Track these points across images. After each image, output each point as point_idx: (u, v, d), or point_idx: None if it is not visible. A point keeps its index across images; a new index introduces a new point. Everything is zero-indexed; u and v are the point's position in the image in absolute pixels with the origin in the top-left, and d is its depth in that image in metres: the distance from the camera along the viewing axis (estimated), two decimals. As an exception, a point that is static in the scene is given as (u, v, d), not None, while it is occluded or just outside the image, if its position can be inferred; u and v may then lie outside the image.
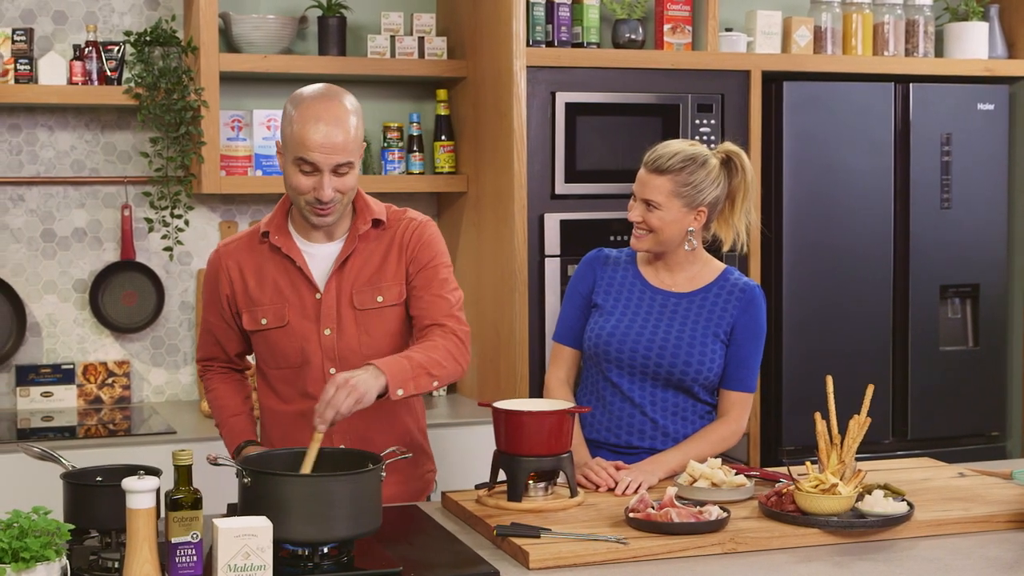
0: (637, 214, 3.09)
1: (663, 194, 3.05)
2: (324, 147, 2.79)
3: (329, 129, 2.79)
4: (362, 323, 2.95)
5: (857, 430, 2.73)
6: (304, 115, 2.81)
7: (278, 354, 2.98)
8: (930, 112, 4.62)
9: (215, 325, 3.08)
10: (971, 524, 2.68)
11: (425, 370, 2.77)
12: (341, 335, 2.94)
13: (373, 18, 4.57)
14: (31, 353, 4.37)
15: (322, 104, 2.83)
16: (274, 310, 2.95)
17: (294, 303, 2.95)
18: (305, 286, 2.95)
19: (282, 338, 2.95)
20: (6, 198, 4.34)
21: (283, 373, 2.99)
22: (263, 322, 2.96)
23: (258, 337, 3.00)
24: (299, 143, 2.80)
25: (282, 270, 2.96)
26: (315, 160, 2.80)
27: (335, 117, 2.81)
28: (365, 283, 2.95)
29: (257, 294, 2.97)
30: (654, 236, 3.09)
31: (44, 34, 4.32)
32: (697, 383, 3.10)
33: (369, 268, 2.96)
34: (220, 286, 3.01)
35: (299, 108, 2.84)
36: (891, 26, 4.69)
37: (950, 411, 4.69)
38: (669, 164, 3.05)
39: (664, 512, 2.57)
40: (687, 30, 4.43)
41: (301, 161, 2.81)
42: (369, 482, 2.40)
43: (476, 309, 4.46)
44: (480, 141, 4.39)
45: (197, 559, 2.18)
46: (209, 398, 3.17)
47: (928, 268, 4.64)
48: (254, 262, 2.98)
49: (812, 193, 4.48)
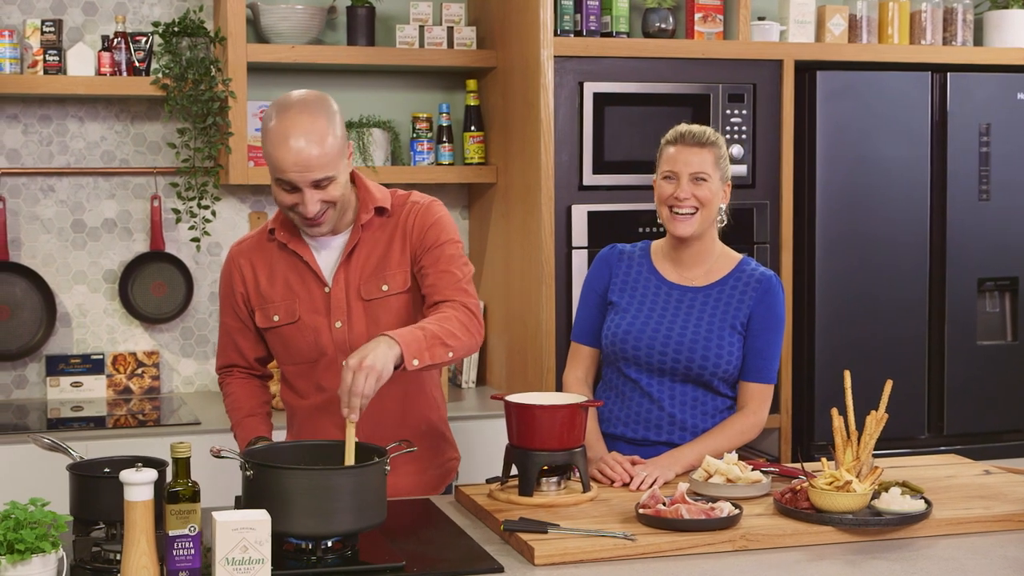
0: (685, 191, 3.02)
1: (709, 165, 3.05)
2: (298, 165, 2.70)
3: (300, 147, 2.68)
4: (371, 313, 2.91)
5: (874, 426, 2.68)
6: (276, 134, 2.71)
7: (292, 350, 2.96)
8: (969, 102, 4.53)
9: (232, 327, 3.04)
10: (991, 523, 2.62)
11: (440, 340, 2.68)
12: (352, 327, 2.91)
13: (402, 8, 4.54)
14: (61, 343, 4.39)
15: (292, 119, 2.71)
16: (285, 306, 2.93)
17: (304, 298, 2.92)
18: (314, 281, 2.92)
19: (295, 334, 2.94)
20: (37, 189, 4.36)
21: (299, 368, 2.97)
22: (275, 319, 2.94)
23: (272, 334, 2.98)
24: (274, 163, 2.73)
25: (291, 266, 2.94)
26: (291, 180, 2.72)
27: (306, 132, 2.69)
28: (371, 273, 2.91)
29: (269, 291, 2.94)
30: (702, 213, 3.04)
31: (75, 25, 4.33)
32: (716, 377, 3.05)
33: (374, 257, 2.92)
34: (234, 286, 2.99)
35: (271, 125, 2.73)
36: (928, 14, 4.61)
37: (988, 406, 4.61)
38: (707, 137, 3.06)
39: (674, 508, 2.53)
40: (718, 19, 4.37)
41: (279, 181, 2.75)
42: (372, 476, 2.38)
43: (504, 301, 4.43)
44: (509, 132, 4.36)
45: (195, 552, 2.16)
46: (227, 403, 3.10)
47: (966, 260, 4.55)
48: (265, 260, 2.96)
49: (846, 184, 4.42)
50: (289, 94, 2.80)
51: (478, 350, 3.08)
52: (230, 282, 3.01)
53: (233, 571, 2.15)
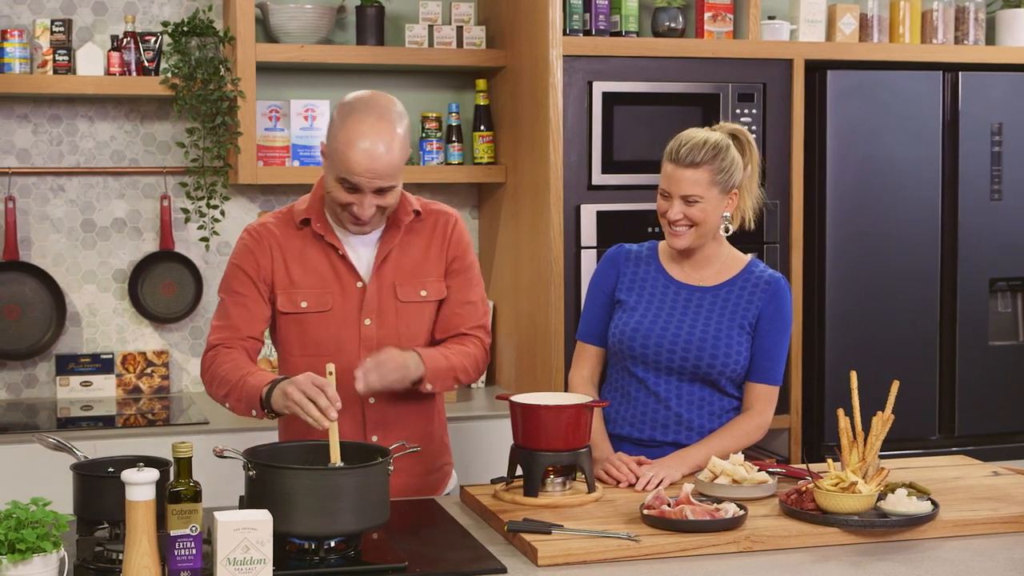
0: (677, 211, 3.02)
1: (702, 186, 2.99)
2: (368, 172, 2.74)
3: (374, 153, 2.72)
4: (403, 316, 2.93)
5: (880, 427, 2.66)
6: (350, 135, 2.74)
7: (309, 341, 2.92)
8: (980, 101, 4.51)
9: (245, 296, 2.90)
10: (998, 525, 2.60)
11: (454, 374, 2.91)
12: (382, 326, 2.91)
13: (411, 7, 4.54)
14: (71, 343, 4.40)
15: (369, 123, 2.74)
16: (316, 295, 2.90)
17: (335, 290, 2.91)
18: (348, 274, 2.91)
19: (320, 324, 2.91)
20: (47, 188, 4.37)
21: (311, 361, 2.90)
22: (303, 305, 2.90)
23: (291, 320, 2.92)
24: (342, 163, 2.74)
25: (324, 257, 2.92)
26: (357, 183, 2.76)
27: (381, 139, 2.73)
28: (408, 276, 2.93)
29: (300, 278, 2.90)
30: (696, 230, 3.03)
31: (84, 25, 4.34)
32: (723, 376, 3.04)
33: (410, 260, 2.94)
34: (260, 259, 2.90)
35: (346, 124, 2.75)
36: (940, 13, 4.59)
37: (999, 407, 4.58)
38: (702, 156, 2.99)
39: (679, 509, 2.52)
40: (728, 18, 4.36)
41: (343, 180, 2.77)
42: (375, 476, 2.38)
43: (513, 301, 4.43)
44: (518, 131, 4.35)
45: (196, 552, 2.16)
46: (224, 366, 2.84)
47: (977, 260, 4.53)
48: (295, 246, 2.92)
49: (857, 184, 4.40)
50: (365, 95, 2.81)
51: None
52: (257, 255, 2.91)
53: (235, 571, 2.15)
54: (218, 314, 2.95)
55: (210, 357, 2.90)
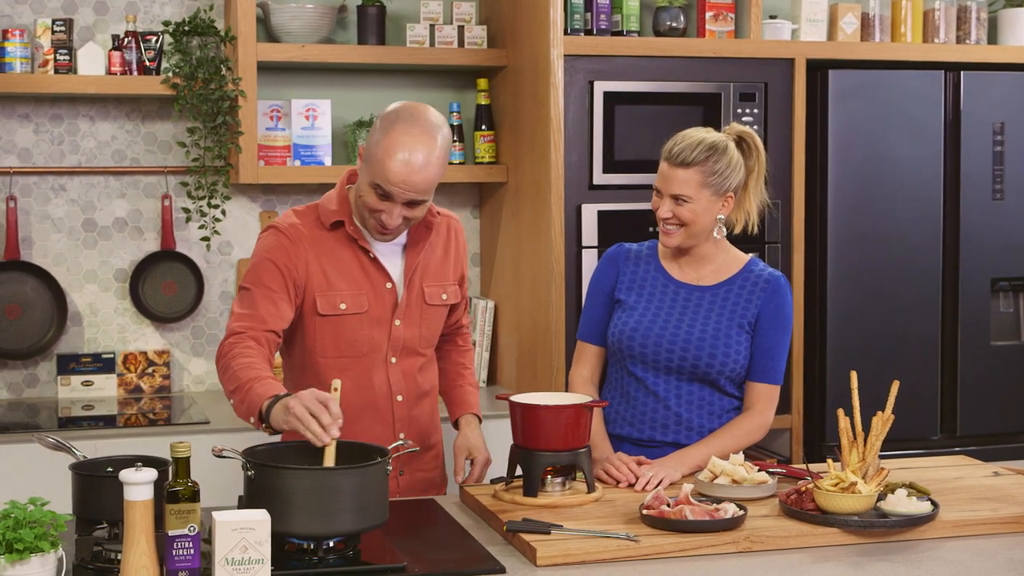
0: (667, 210, 3.03)
1: (692, 187, 2.99)
2: (404, 183, 2.74)
3: (412, 165, 2.73)
4: (426, 318, 2.99)
5: (880, 427, 2.66)
6: (391, 143, 2.74)
7: (343, 341, 2.92)
8: (982, 101, 4.50)
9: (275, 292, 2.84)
10: (999, 525, 2.60)
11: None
12: (408, 327, 2.96)
13: (413, 7, 4.54)
14: (72, 342, 4.40)
15: (413, 135, 2.74)
16: (352, 296, 2.91)
17: (368, 291, 2.93)
18: (378, 276, 2.94)
19: (355, 325, 2.92)
20: (48, 188, 4.37)
21: (342, 362, 2.92)
22: (342, 307, 2.90)
23: (326, 322, 2.90)
24: (379, 170, 2.74)
25: (354, 258, 2.93)
26: (391, 192, 2.76)
27: (421, 152, 2.73)
28: (432, 279, 3.00)
29: (335, 279, 2.91)
30: (686, 230, 3.03)
31: (86, 24, 4.34)
32: (723, 376, 3.04)
33: (432, 264, 3.00)
34: (296, 260, 2.87)
35: (389, 133, 2.75)
36: (942, 12, 4.58)
37: (1001, 407, 4.58)
38: (694, 156, 2.99)
39: (678, 509, 2.52)
40: (730, 18, 4.35)
41: (377, 187, 2.77)
42: (374, 476, 2.38)
43: (514, 300, 4.42)
44: (519, 131, 4.35)
45: (194, 552, 2.16)
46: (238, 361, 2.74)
47: (979, 260, 4.52)
48: (327, 248, 2.92)
49: (858, 183, 4.39)
50: (413, 106, 2.81)
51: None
52: (289, 254, 2.87)
53: (233, 571, 2.15)
54: (242, 303, 2.86)
55: (229, 344, 2.78)
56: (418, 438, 2.98)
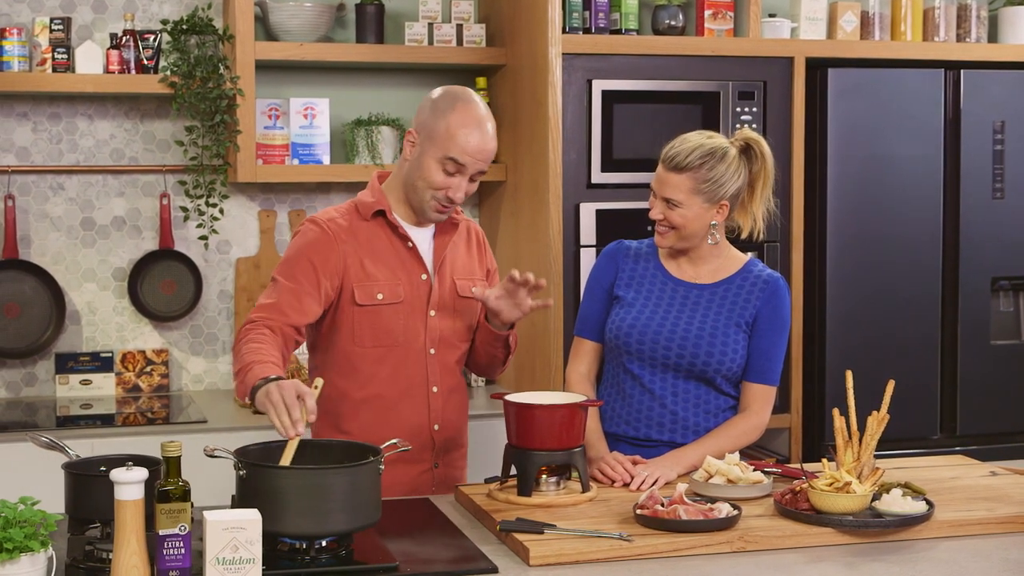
0: (658, 212, 3.03)
1: (683, 192, 2.99)
2: (479, 153, 2.89)
3: (486, 137, 2.90)
4: (460, 310, 3.04)
5: (875, 427, 2.65)
6: (464, 117, 2.88)
7: (381, 331, 2.95)
8: (982, 99, 4.49)
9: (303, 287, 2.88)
10: (994, 525, 2.59)
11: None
12: (443, 318, 3.01)
13: (411, 5, 4.53)
14: (70, 341, 4.40)
15: (478, 111, 2.91)
16: (389, 287, 2.95)
17: (405, 282, 2.97)
18: (416, 266, 2.99)
19: (392, 315, 2.96)
20: (46, 187, 4.36)
21: (378, 352, 2.96)
22: (379, 297, 2.94)
23: (366, 313, 2.94)
24: (452, 143, 2.87)
25: (392, 249, 2.98)
26: (466, 163, 2.88)
27: (490, 124, 2.92)
28: (463, 273, 3.05)
29: (373, 270, 2.95)
30: (677, 233, 3.03)
31: (84, 23, 4.34)
32: (719, 374, 3.03)
33: (462, 257, 3.07)
34: (332, 256, 2.91)
35: (455, 109, 2.90)
36: (942, 11, 4.57)
37: (1001, 407, 4.57)
38: (688, 161, 2.98)
39: (672, 509, 2.51)
40: (729, 16, 4.34)
41: (449, 161, 2.88)
42: (366, 475, 2.37)
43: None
44: (518, 129, 4.34)
45: (185, 551, 2.15)
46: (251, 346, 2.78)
47: (979, 259, 4.51)
48: (365, 239, 2.97)
49: (858, 182, 4.38)
50: (463, 88, 2.98)
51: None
52: (328, 254, 2.91)
53: (223, 571, 2.14)
54: (268, 293, 2.91)
55: (244, 331, 2.85)
56: (453, 430, 3.06)
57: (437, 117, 2.90)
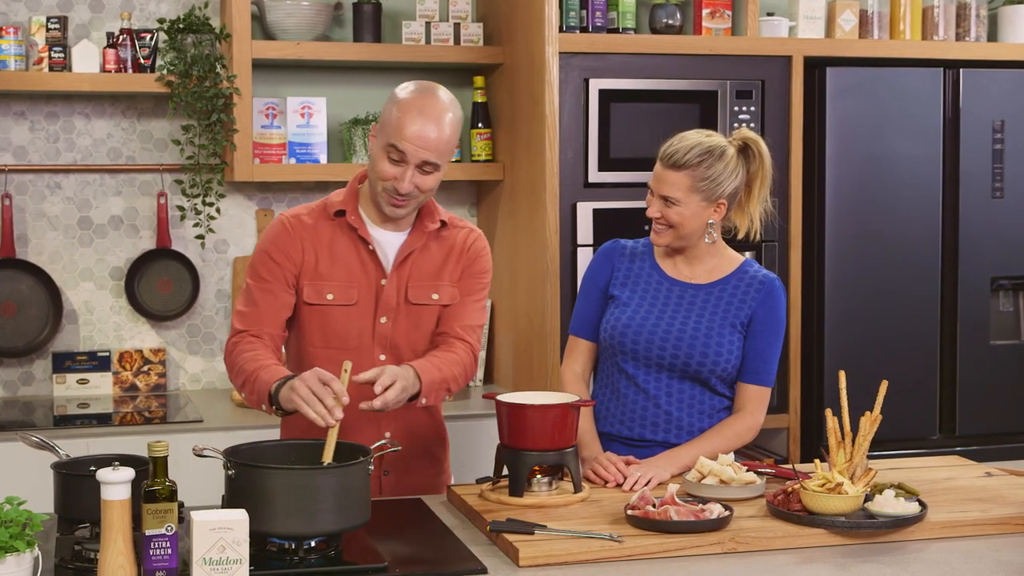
0: (655, 210, 3.02)
1: (681, 190, 2.98)
2: (417, 140, 2.80)
3: (427, 125, 2.81)
4: (414, 317, 2.96)
5: (868, 427, 2.63)
6: (408, 105, 2.82)
7: (331, 333, 2.93)
8: (982, 99, 4.47)
9: (271, 284, 2.91)
10: (988, 526, 2.58)
11: (446, 385, 2.90)
12: (395, 325, 2.95)
13: (408, 4, 4.52)
14: (67, 340, 4.39)
15: (426, 100, 2.84)
16: (342, 288, 2.92)
17: (362, 285, 2.94)
18: (374, 271, 2.94)
19: (343, 317, 2.93)
20: (43, 185, 4.36)
21: (331, 353, 2.92)
22: (329, 297, 2.92)
23: (315, 312, 2.93)
24: (395, 130, 2.81)
25: (353, 250, 2.94)
26: (405, 150, 2.80)
27: (436, 115, 2.83)
28: (423, 279, 2.96)
29: (328, 270, 2.93)
30: (674, 231, 3.02)
31: (80, 22, 4.33)
32: (714, 375, 3.02)
33: (429, 266, 2.98)
34: (290, 252, 2.92)
35: (404, 98, 2.85)
36: (941, 10, 4.55)
37: (1001, 407, 4.55)
38: (686, 159, 2.97)
39: (663, 510, 2.50)
40: (726, 15, 4.33)
41: (391, 148, 2.82)
42: (355, 475, 2.36)
43: (511, 299, 4.41)
44: (515, 129, 4.33)
45: (172, 551, 2.15)
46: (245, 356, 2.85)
47: (978, 259, 4.50)
48: (326, 238, 2.95)
49: (856, 182, 4.37)
50: (427, 82, 2.92)
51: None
52: (287, 246, 2.93)
53: (210, 571, 2.13)
54: (243, 300, 2.96)
55: (232, 344, 2.90)
56: (406, 438, 2.96)
57: (388, 107, 2.86)
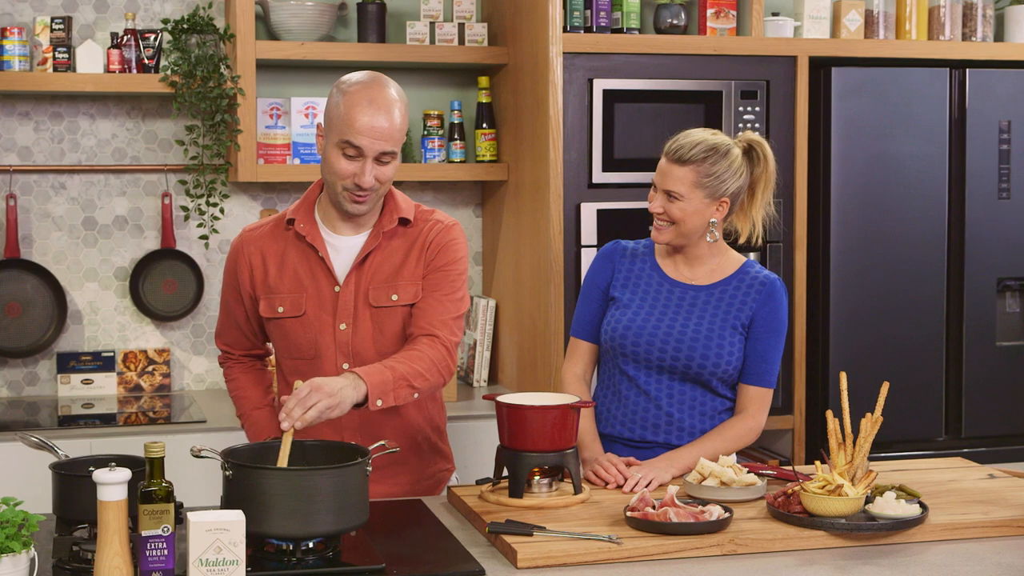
0: (658, 205, 3.02)
1: (685, 185, 2.97)
2: (372, 132, 2.76)
3: (378, 115, 2.76)
4: (377, 321, 2.90)
5: (869, 429, 2.62)
6: (353, 99, 2.77)
7: (291, 345, 2.93)
8: (988, 99, 4.45)
9: (234, 309, 3.03)
10: (989, 528, 2.56)
11: (407, 381, 2.73)
12: (356, 331, 2.89)
13: (413, 4, 4.52)
14: (72, 340, 4.40)
15: (372, 90, 2.79)
16: (292, 299, 2.91)
17: (312, 294, 2.90)
18: (325, 278, 2.90)
19: (297, 328, 2.91)
20: (48, 186, 4.36)
21: (296, 364, 2.93)
22: (280, 310, 2.91)
23: (273, 325, 2.96)
24: (346, 126, 2.76)
25: (303, 259, 2.91)
26: (361, 144, 2.76)
27: (384, 104, 2.78)
28: (383, 281, 2.90)
29: (276, 282, 2.92)
30: (676, 228, 3.01)
31: (85, 22, 4.34)
32: (715, 376, 3.01)
33: (389, 266, 2.91)
34: (240, 272, 2.97)
35: (348, 92, 2.80)
36: (947, 9, 4.53)
37: (1007, 408, 4.53)
38: (691, 154, 2.97)
39: (663, 511, 2.49)
40: (731, 15, 4.32)
41: (346, 144, 2.77)
42: (353, 476, 2.36)
43: (515, 299, 4.40)
44: (520, 129, 4.33)
45: (168, 552, 2.14)
46: (230, 387, 3.12)
47: (985, 260, 4.48)
48: (277, 249, 2.94)
49: (862, 182, 4.35)
50: (363, 72, 2.87)
51: (445, 385, 2.97)
52: (235, 268, 2.99)
53: (207, 572, 2.13)
54: (220, 316, 3.12)
55: (221, 361, 3.15)
56: (404, 443, 2.93)
57: (333, 103, 2.81)
